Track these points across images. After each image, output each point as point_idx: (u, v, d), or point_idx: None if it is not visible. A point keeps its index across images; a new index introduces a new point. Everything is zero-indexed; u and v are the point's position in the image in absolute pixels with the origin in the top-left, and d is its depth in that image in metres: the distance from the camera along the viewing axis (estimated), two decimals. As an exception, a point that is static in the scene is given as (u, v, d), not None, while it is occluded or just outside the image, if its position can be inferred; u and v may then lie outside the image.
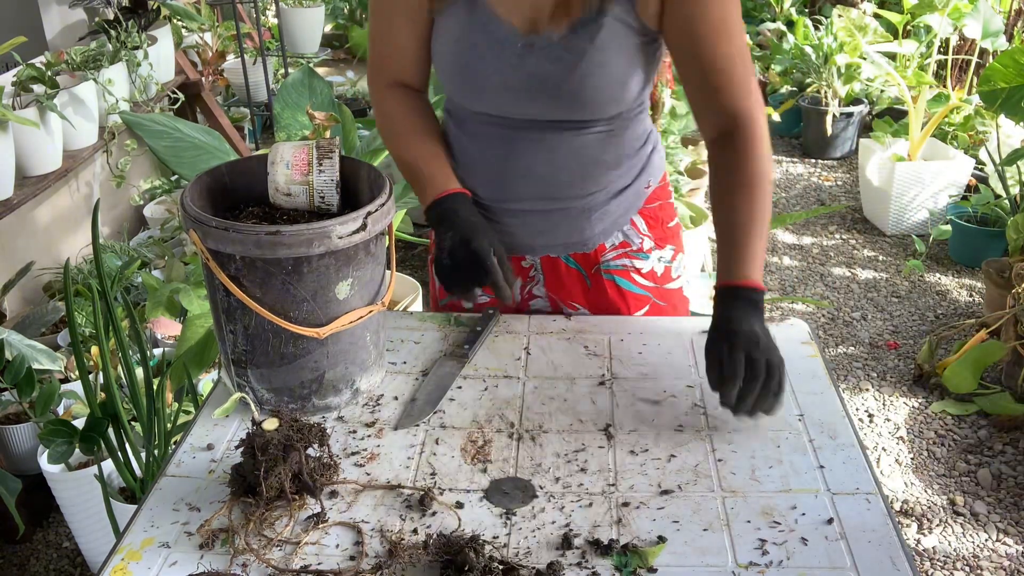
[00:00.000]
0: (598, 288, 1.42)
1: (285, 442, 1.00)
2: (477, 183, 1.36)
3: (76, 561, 2.24)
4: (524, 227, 1.38)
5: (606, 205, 1.37)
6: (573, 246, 1.40)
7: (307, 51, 5.42)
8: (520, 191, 1.34)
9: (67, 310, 1.71)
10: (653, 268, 1.43)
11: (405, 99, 1.38)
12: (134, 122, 2.27)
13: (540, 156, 1.31)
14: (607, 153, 1.32)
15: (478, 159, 1.35)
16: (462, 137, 1.36)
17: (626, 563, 0.94)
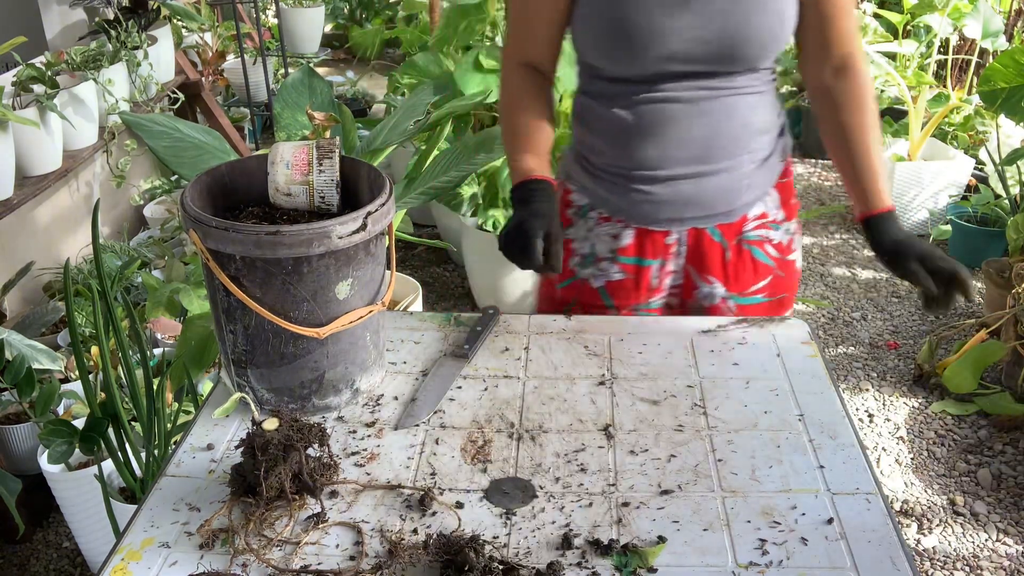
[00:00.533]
0: (737, 259, 1.47)
1: (285, 442, 1.00)
2: (633, 155, 1.39)
3: (76, 561, 2.24)
4: (677, 197, 1.41)
5: (753, 174, 1.43)
6: (721, 216, 1.44)
7: (307, 51, 5.43)
8: (676, 157, 1.38)
9: (67, 310, 1.71)
10: (781, 240, 1.50)
11: (529, 79, 1.46)
12: (134, 122, 2.27)
13: (696, 120, 1.35)
14: (756, 116, 1.39)
15: (633, 131, 1.38)
16: (612, 113, 1.39)
17: (626, 563, 0.94)
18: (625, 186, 1.42)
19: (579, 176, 1.50)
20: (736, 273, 1.48)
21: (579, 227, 1.50)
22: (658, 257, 1.47)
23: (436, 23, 3.45)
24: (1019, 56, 2.95)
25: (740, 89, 1.36)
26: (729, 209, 1.44)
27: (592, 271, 1.49)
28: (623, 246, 1.47)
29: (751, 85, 1.37)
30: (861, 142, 1.39)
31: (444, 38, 3.03)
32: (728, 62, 1.33)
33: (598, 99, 1.42)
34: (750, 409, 1.19)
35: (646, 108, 1.36)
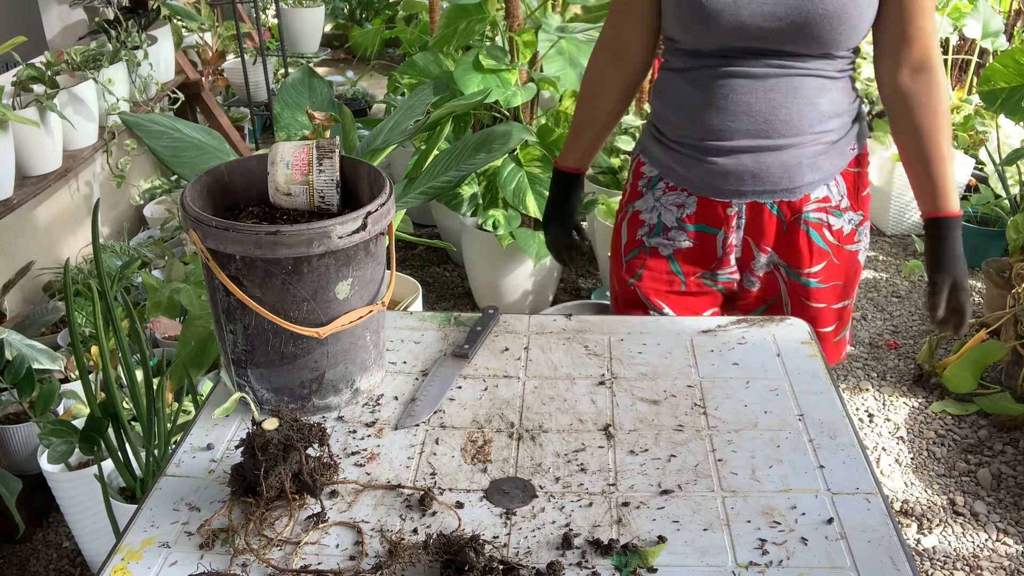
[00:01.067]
0: (791, 235, 1.52)
1: (285, 442, 1.00)
2: (700, 125, 1.46)
3: (76, 561, 2.24)
4: (738, 168, 1.46)
5: (818, 156, 1.47)
6: (782, 193, 1.48)
7: (307, 51, 5.43)
8: (738, 128, 1.44)
9: (67, 310, 1.71)
10: (842, 227, 1.53)
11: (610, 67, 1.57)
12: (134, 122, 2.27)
13: (759, 94, 1.41)
14: (822, 98, 1.43)
15: (700, 101, 1.45)
16: (685, 85, 1.47)
17: (626, 563, 0.94)
18: (692, 156, 1.49)
19: (652, 148, 1.58)
20: (790, 249, 1.53)
21: (647, 198, 1.58)
22: (720, 227, 1.52)
23: (436, 23, 3.45)
24: (1019, 56, 2.95)
25: (811, 71, 1.41)
26: (791, 187, 1.48)
27: (660, 240, 1.57)
28: (688, 214, 1.54)
29: (823, 69, 1.42)
30: (936, 146, 1.43)
31: (444, 38, 3.03)
32: (799, 42, 1.37)
33: (674, 72, 1.50)
34: (750, 409, 1.19)
35: (715, 81, 1.43)
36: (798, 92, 1.41)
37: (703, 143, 1.47)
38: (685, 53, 1.46)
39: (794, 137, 1.44)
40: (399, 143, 2.33)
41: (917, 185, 1.47)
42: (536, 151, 2.88)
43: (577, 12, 3.56)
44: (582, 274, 3.53)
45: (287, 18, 5.31)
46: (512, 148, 2.45)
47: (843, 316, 1.62)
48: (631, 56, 1.54)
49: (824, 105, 1.44)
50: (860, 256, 1.59)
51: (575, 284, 3.46)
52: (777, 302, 1.59)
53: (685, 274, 1.57)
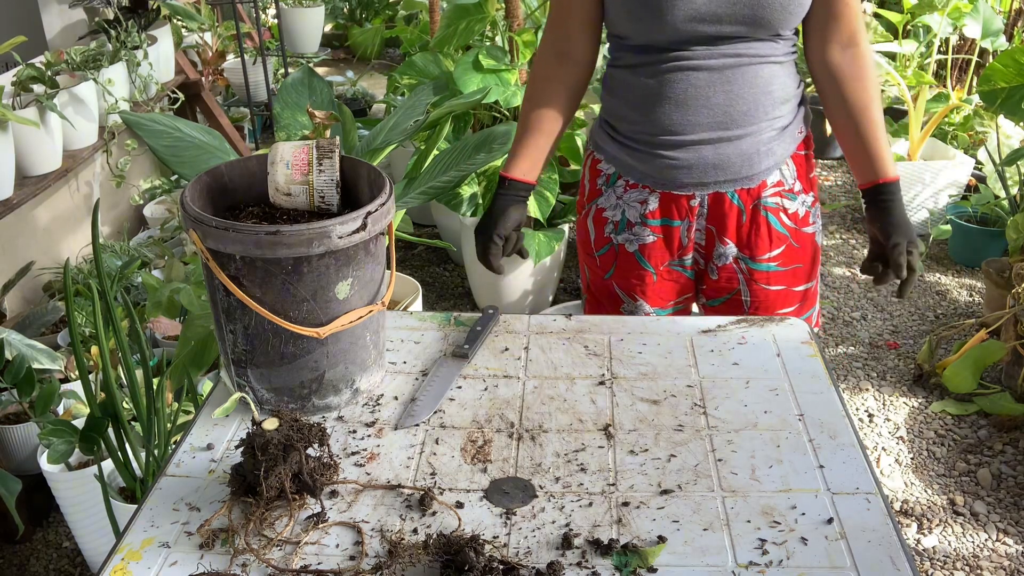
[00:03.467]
0: (753, 223, 1.54)
1: (285, 442, 1.00)
2: (657, 121, 1.47)
3: (76, 561, 2.24)
4: (699, 162, 1.48)
5: (772, 141, 1.49)
6: (741, 181, 1.51)
7: (307, 51, 5.43)
8: (699, 122, 1.45)
9: (67, 310, 1.71)
10: (797, 210, 1.56)
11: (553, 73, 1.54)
12: (134, 122, 2.27)
13: (718, 87, 1.43)
14: (777, 84, 1.46)
15: (658, 97, 1.45)
16: (638, 81, 1.47)
17: (626, 563, 0.94)
18: (650, 152, 1.50)
19: (606, 145, 1.57)
20: (751, 237, 1.54)
21: (608, 195, 1.58)
22: (684, 218, 1.54)
23: (436, 23, 3.45)
24: (1019, 56, 2.95)
25: (763, 58, 1.43)
26: (749, 174, 1.50)
27: (626, 236, 1.58)
28: (651, 210, 1.54)
29: (773, 54, 1.44)
30: (868, 113, 1.47)
31: (444, 38, 3.03)
32: (753, 24, 1.38)
33: (625, 69, 1.49)
34: (750, 409, 1.19)
35: (670, 76, 1.43)
36: (754, 82, 1.43)
37: (661, 138, 1.48)
38: (635, 49, 1.46)
39: (751, 126, 1.46)
40: (399, 143, 2.34)
41: (854, 156, 1.50)
42: (536, 151, 2.87)
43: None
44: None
45: (287, 18, 5.31)
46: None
47: (807, 297, 1.63)
48: (575, 57, 1.53)
49: (776, 91, 1.46)
50: (817, 238, 1.61)
51: (575, 284, 3.46)
52: (737, 296, 1.60)
53: (654, 266, 1.58)
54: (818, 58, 1.49)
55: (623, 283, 1.61)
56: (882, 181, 1.48)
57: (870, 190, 1.49)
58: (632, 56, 1.47)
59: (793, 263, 1.58)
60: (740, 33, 1.39)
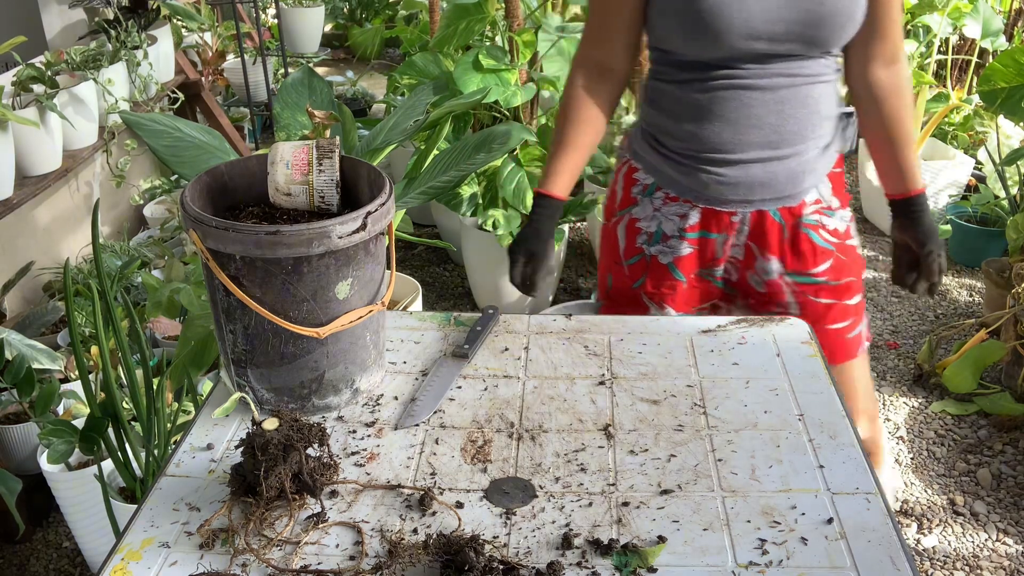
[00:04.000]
0: (794, 239, 1.53)
1: (285, 442, 1.00)
2: (706, 138, 1.45)
3: (76, 561, 2.24)
4: (746, 179, 1.47)
5: (816, 160, 1.50)
6: (785, 200, 1.51)
7: (307, 51, 5.43)
8: (748, 140, 1.44)
9: (67, 310, 1.71)
10: (837, 227, 1.56)
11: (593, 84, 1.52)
12: (134, 122, 2.27)
13: (770, 106, 1.42)
14: (824, 104, 1.46)
15: (708, 115, 1.44)
16: (686, 96, 1.45)
17: (626, 563, 0.94)
18: (696, 168, 1.48)
19: (647, 156, 1.55)
20: (794, 253, 1.54)
21: (644, 206, 1.56)
22: (722, 232, 1.53)
23: (436, 23, 3.45)
24: (1019, 56, 2.95)
25: (814, 77, 1.43)
26: (793, 192, 1.50)
27: (660, 248, 1.56)
28: (690, 224, 1.53)
29: (822, 73, 1.44)
30: (903, 127, 1.50)
31: (444, 38, 3.03)
32: (807, 42, 1.38)
33: (672, 84, 1.47)
34: (750, 409, 1.19)
35: (721, 93, 1.42)
36: (805, 101, 1.43)
37: (709, 155, 1.46)
38: (683, 64, 1.44)
39: (800, 145, 1.46)
40: (399, 143, 2.34)
41: (887, 169, 1.53)
42: (536, 151, 2.88)
43: (577, 12, 3.56)
44: (582, 274, 3.53)
45: (287, 18, 5.31)
46: (512, 148, 2.45)
47: (857, 311, 1.62)
48: (616, 71, 1.52)
49: (824, 110, 1.47)
50: (858, 250, 1.61)
51: (575, 284, 3.46)
52: (786, 311, 1.57)
53: (685, 275, 1.57)
54: (859, 75, 1.50)
55: (653, 292, 1.59)
56: (914, 193, 1.51)
57: (902, 202, 1.52)
58: (679, 71, 1.45)
59: (843, 276, 1.56)
60: (793, 52, 1.39)
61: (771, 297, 1.58)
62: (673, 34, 1.41)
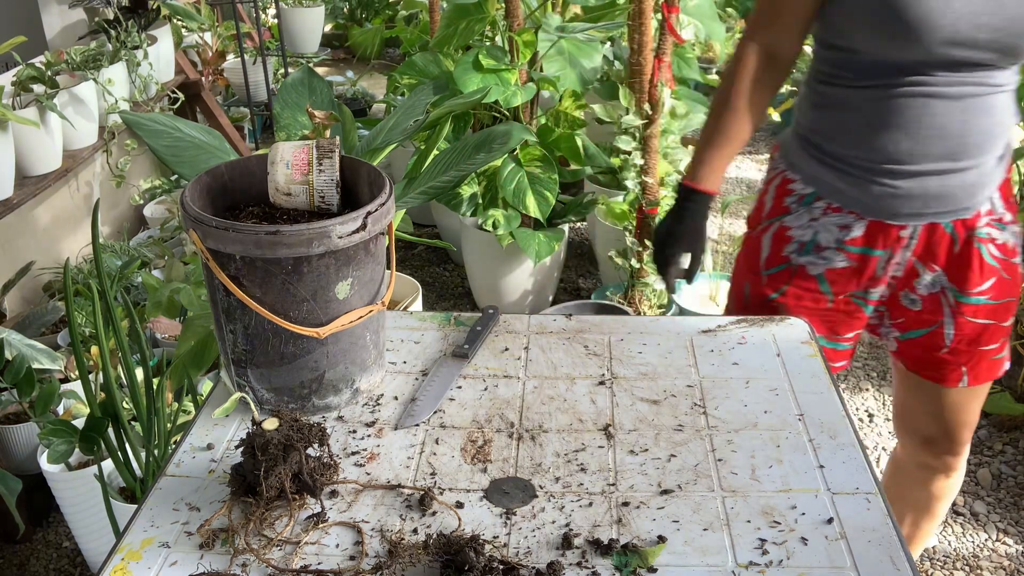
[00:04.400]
0: (964, 253, 1.44)
1: (285, 442, 1.00)
2: (881, 148, 1.37)
3: (76, 561, 2.24)
4: (922, 192, 1.38)
5: (992, 171, 1.41)
6: (960, 212, 1.41)
7: (307, 51, 5.43)
8: (928, 152, 1.35)
9: (67, 310, 1.71)
10: (1006, 241, 1.46)
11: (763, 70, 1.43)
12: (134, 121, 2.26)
13: (955, 116, 1.33)
14: (1005, 114, 1.38)
15: (886, 123, 1.35)
16: (862, 102, 1.36)
17: (626, 563, 0.94)
18: (867, 179, 1.40)
19: (806, 165, 1.46)
20: (961, 269, 1.45)
21: (800, 215, 1.47)
22: (887, 248, 1.44)
23: (436, 23, 3.45)
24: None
25: (1000, 87, 1.35)
26: (968, 205, 1.41)
27: (811, 259, 1.47)
28: (852, 237, 1.44)
29: (1007, 83, 1.35)
30: None
31: (444, 38, 3.03)
32: (1007, 53, 1.30)
33: (845, 87, 1.38)
34: (750, 409, 1.19)
35: (904, 101, 1.33)
36: (990, 112, 1.35)
37: (883, 166, 1.38)
38: (863, 66, 1.34)
39: (981, 157, 1.38)
40: (399, 143, 2.33)
41: None
42: (536, 151, 2.88)
43: (577, 12, 3.56)
44: (582, 274, 3.53)
45: (287, 18, 5.31)
46: (512, 148, 2.45)
47: (1007, 332, 1.54)
48: (784, 59, 1.43)
49: (1005, 121, 1.39)
50: (1021, 268, 1.50)
51: (575, 284, 3.46)
52: (939, 329, 1.50)
53: (834, 293, 1.49)
54: None
55: (793, 305, 1.50)
56: None
57: None
58: (856, 74, 1.36)
59: (1004, 296, 1.48)
60: (987, 60, 1.30)
61: (925, 316, 1.50)
62: (861, 32, 1.31)
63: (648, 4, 2.57)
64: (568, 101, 3.19)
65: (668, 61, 2.66)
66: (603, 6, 3.13)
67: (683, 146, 3.05)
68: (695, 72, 3.43)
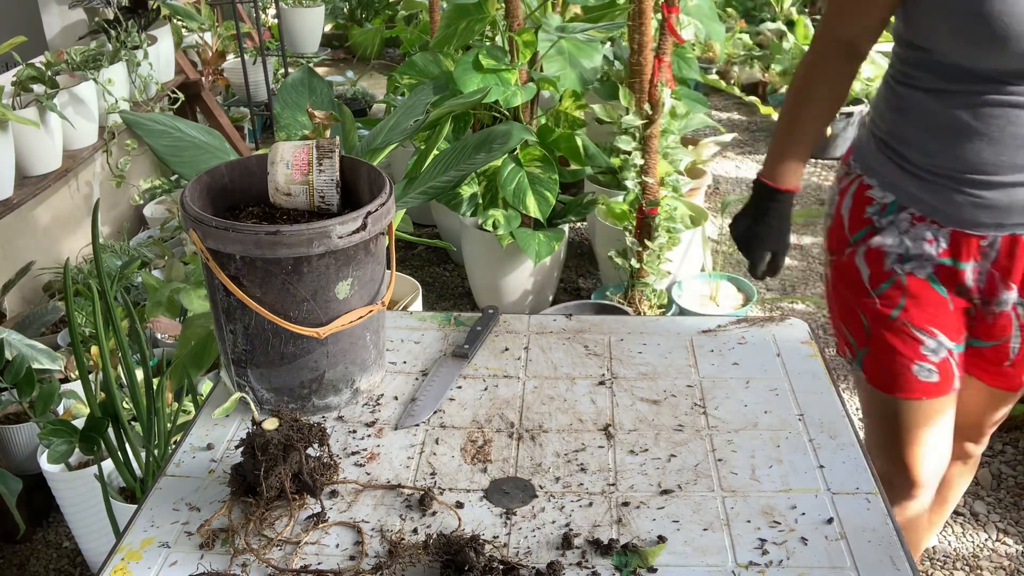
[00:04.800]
0: None
1: (285, 442, 1.00)
2: (965, 158, 1.31)
3: (76, 561, 2.24)
4: (1006, 202, 1.32)
5: None
6: None
7: (307, 51, 5.43)
8: (1015, 163, 1.29)
9: (67, 310, 1.71)
10: None
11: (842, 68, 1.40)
12: (134, 121, 2.26)
13: None
14: None
15: (973, 133, 1.29)
16: (944, 109, 1.30)
17: (626, 563, 0.94)
18: (949, 187, 1.34)
19: (886, 171, 1.40)
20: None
21: (887, 232, 1.40)
22: (971, 259, 1.39)
23: (436, 23, 3.45)
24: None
25: None
26: None
27: (915, 264, 1.40)
28: (941, 249, 1.38)
29: None
30: None
31: (444, 38, 3.03)
32: None
33: (926, 92, 1.32)
34: (750, 409, 1.19)
35: (989, 110, 1.27)
36: None
37: (967, 176, 1.32)
38: (947, 72, 1.28)
39: None
40: (399, 143, 2.33)
41: None
42: (536, 151, 2.88)
43: (577, 12, 3.56)
44: (582, 274, 3.53)
45: (287, 18, 5.31)
46: (512, 148, 2.45)
47: None
48: (861, 54, 1.38)
49: None
50: None
51: (575, 284, 3.46)
52: (1005, 345, 1.45)
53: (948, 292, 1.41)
54: None
55: (919, 316, 1.40)
56: None
57: None
58: (937, 78, 1.29)
59: None
60: None
61: (995, 331, 1.44)
62: (942, 34, 1.25)
63: (648, 4, 2.57)
64: (568, 101, 3.19)
65: (668, 61, 2.66)
66: (603, 6, 3.13)
67: (683, 146, 3.05)
68: (695, 72, 3.43)
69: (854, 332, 1.48)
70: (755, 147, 4.73)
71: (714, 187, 4.15)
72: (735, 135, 4.35)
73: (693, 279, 3.05)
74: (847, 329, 1.50)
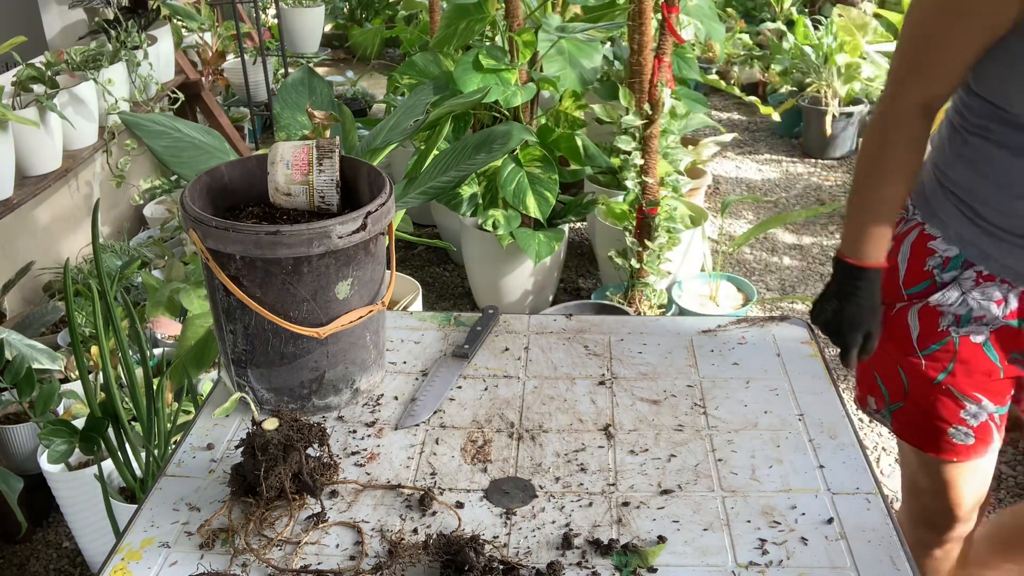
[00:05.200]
0: None
1: (285, 442, 1.00)
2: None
3: (76, 561, 2.24)
4: None
5: None
6: None
7: (307, 51, 5.43)
8: None
9: (67, 310, 1.71)
10: None
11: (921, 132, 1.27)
12: (133, 122, 2.26)
13: None
14: None
15: None
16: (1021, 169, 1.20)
17: (626, 563, 0.94)
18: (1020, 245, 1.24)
19: (954, 223, 1.29)
20: None
21: (947, 292, 1.30)
22: None
23: (436, 23, 3.45)
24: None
25: None
26: None
27: (974, 328, 1.30)
28: (1009, 311, 1.28)
29: None
30: None
31: (444, 38, 3.03)
32: None
33: (1003, 148, 1.21)
34: (750, 409, 1.19)
35: None
36: None
37: None
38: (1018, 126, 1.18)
39: None
40: (399, 143, 2.34)
41: None
42: (536, 151, 2.88)
43: (577, 12, 3.56)
44: (582, 274, 3.53)
45: (287, 18, 5.31)
46: (512, 148, 2.45)
47: None
48: (939, 108, 1.26)
49: None
50: None
51: (575, 284, 3.46)
52: None
53: (1000, 359, 1.33)
54: None
55: (966, 383, 1.32)
56: None
57: None
58: (1009, 131, 1.19)
59: None
60: None
61: None
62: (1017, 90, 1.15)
63: (648, 4, 2.57)
64: (568, 101, 3.19)
65: (668, 61, 2.65)
66: (603, 6, 3.13)
67: (683, 146, 3.05)
68: (695, 72, 3.43)
69: (889, 386, 1.40)
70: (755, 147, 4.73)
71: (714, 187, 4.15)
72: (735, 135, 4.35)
73: (693, 279, 3.05)
74: (881, 381, 1.41)
